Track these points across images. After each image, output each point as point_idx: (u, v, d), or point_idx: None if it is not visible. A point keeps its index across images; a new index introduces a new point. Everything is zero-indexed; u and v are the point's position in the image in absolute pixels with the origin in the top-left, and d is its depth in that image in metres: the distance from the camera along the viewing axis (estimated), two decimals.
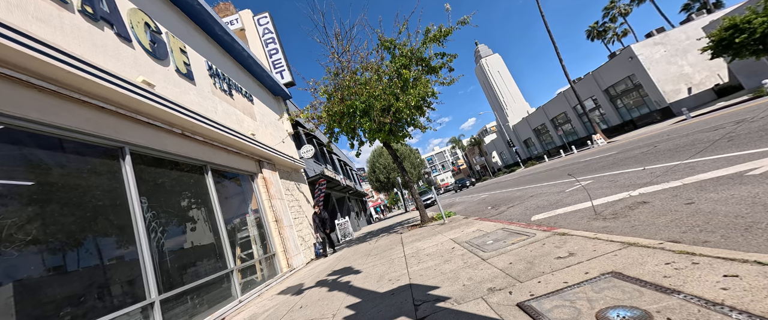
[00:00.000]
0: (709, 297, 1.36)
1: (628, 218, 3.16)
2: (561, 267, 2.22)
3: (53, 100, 3.31)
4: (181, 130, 5.18)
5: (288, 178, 10.08)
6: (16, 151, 3.13)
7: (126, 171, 3.98)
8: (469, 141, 65.51)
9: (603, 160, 9.04)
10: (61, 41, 3.49)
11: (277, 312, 3.86)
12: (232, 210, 6.77)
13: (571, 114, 33.19)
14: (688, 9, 35.41)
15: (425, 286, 2.80)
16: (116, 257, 3.75)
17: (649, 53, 23.09)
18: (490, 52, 61.36)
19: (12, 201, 2.99)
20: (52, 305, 2.93)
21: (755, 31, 13.18)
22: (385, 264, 4.48)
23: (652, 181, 4.23)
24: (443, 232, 5.63)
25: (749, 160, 3.66)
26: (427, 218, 8.30)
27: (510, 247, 3.17)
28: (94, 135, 3.69)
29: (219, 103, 6.93)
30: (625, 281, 1.73)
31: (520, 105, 55.73)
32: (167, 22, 5.98)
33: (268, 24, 13.98)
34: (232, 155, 6.93)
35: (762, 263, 1.49)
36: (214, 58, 7.62)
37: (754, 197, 2.57)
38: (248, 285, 5.97)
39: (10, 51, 2.76)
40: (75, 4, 3.84)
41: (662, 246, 2.03)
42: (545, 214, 4.64)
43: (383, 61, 7.74)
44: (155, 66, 5.09)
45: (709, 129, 7.36)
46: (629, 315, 1.40)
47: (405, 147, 26.76)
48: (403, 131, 8.02)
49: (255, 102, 9.37)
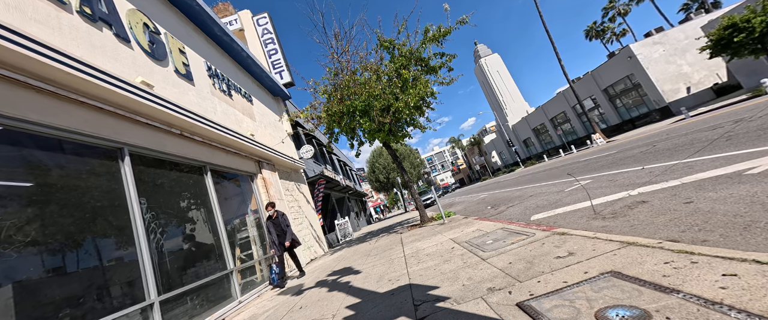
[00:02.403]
0: (708, 297, 1.37)
1: (628, 217, 3.17)
2: (560, 266, 2.22)
3: (52, 101, 3.30)
4: (181, 130, 5.17)
5: (288, 179, 10.08)
6: (15, 152, 3.12)
7: (125, 172, 3.98)
8: (468, 141, 65.54)
9: (602, 159, 9.06)
10: (60, 42, 3.48)
11: (276, 313, 3.85)
12: (232, 211, 6.77)
13: (571, 113, 33.23)
14: (686, 9, 35.49)
15: (425, 286, 2.80)
16: (115, 258, 3.75)
17: (648, 53, 23.13)
18: (490, 52, 61.41)
19: (11, 202, 2.98)
20: (51, 306, 2.92)
21: (754, 30, 13.21)
22: (384, 265, 4.48)
23: (651, 181, 4.23)
24: (443, 232, 5.63)
25: (748, 159, 3.67)
26: (426, 218, 8.30)
27: (509, 247, 3.17)
28: (93, 136, 3.69)
29: (218, 104, 6.93)
30: (625, 280, 1.73)
31: (519, 105, 55.78)
32: (166, 22, 5.98)
33: (267, 24, 13.97)
34: (232, 156, 6.92)
35: (760, 262, 1.49)
36: (213, 58, 7.62)
37: (753, 196, 2.58)
38: (248, 285, 5.97)
39: (9, 52, 2.76)
40: (73, 4, 3.83)
41: (661, 245, 2.03)
42: (545, 214, 4.65)
43: (382, 61, 7.74)
44: (154, 67, 5.09)
45: (708, 128, 7.37)
46: (628, 314, 1.40)
47: (405, 147, 26.79)
48: (402, 131, 8.02)
49: (254, 102, 9.36)
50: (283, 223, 6.11)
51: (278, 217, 6.15)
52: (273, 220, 6.13)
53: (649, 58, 23.02)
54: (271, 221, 6.13)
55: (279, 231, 6.05)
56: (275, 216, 6.15)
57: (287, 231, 6.03)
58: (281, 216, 6.17)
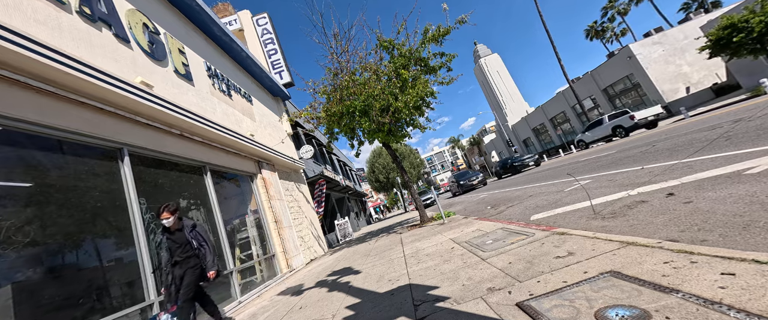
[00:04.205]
0: (708, 296, 1.37)
1: (627, 217, 3.17)
2: (560, 266, 2.23)
3: (51, 102, 3.30)
4: (180, 130, 5.17)
5: (287, 179, 10.07)
6: (14, 152, 3.12)
7: (125, 173, 3.98)
8: (468, 141, 65.54)
9: (602, 159, 9.06)
10: (59, 42, 3.48)
11: (276, 313, 3.85)
12: (232, 211, 6.77)
13: (570, 113, 33.23)
14: (686, 9, 35.53)
15: (425, 286, 2.80)
16: (115, 258, 3.75)
17: (647, 52, 23.14)
18: (489, 52, 61.40)
19: (11, 202, 2.98)
20: (51, 306, 2.92)
21: (753, 30, 13.22)
22: (384, 265, 4.48)
23: (650, 180, 4.24)
24: (443, 232, 5.63)
25: (747, 158, 3.67)
26: (426, 218, 8.30)
27: (509, 247, 3.17)
28: (92, 136, 3.69)
29: (218, 104, 6.93)
30: (624, 280, 1.73)
31: (519, 104, 55.78)
32: (166, 22, 5.98)
33: (267, 24, 13.97)
34: (231, 156, 6.92)
35: (760, 262, 1.50)
36: (212, 58, 7.62)
37: (752, 196, 2.58)
38: (248, 285, 5.97)
39: (8, 52, 2.76)
40: (73, 4, 3.83)
41: (661, 245, 2.03)
42: (544, 214, 4.65)
43: (382, 61, 7.74)
44: (154, 67, 5.09)
45: (707, 128, 7.38)
46: (628, 314, 1.41)
47: (404, 147, 26.77)
48: (402, 131, 8.02)
49: (254, 102, 9.36)
50: (195, 239, 3.38)
51: (185, 229, 3.38)
52: (172, 234, 3.33)
53: (648, 58, 23.03)
54: (169, 235, 3.32)
55: (184, 254, 3.29)
56: (176, 227, 3.36)
57: (203, 252, 3.38)
58: (192, 230, 3.41)
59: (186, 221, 3.50)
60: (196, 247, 3.38)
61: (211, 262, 3.41)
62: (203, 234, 3.49)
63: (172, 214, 3.33)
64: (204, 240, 3.45)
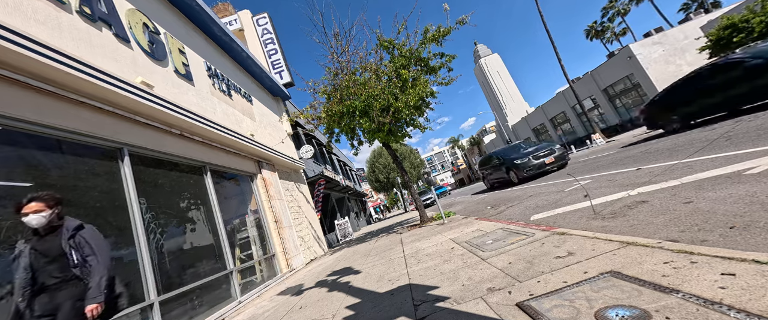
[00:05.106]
0: (708, 296, 1.37)
1: (627, 217, 3.17)
2: (560, 266, 2.22)
3: (51, 102, 3.30)
4: (180, 130, 5.17)
5: (287, 179, 10.08)
6: (14, 152, 3.12)
7: (125, 173, 3.98)
8: (468, 141, 65.55)
9: (602, 159, 9.06)
10: (59, 42, 3.48)
11: (276, 313, 3.85)
12: (232, 211, 6.77)
13: (570, 113, 33.24)
14: (686, 9, 35.52)
15: (425, 286, 2.80)
16: (115, 258, 3.74)
17: (647, 53, 23.14)
18: (489, 52, 61.43)
19: (10, 202, 2.97)
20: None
21: (753, 30, 13.23)
22: (384, 265, 4.48)
23: (650, 181, 4.23)
24: (443, 232, 5.63)
25: (747, 158, 3.67)
26: (426, 218, 8.30)
27: (509, 247, 3.17)
28: (92, 136, 3.69)
29: (218, 104, 6.93)
30: (624, 280, 1.73)
31: (519, 105, 55.79)
32: (166, 22, 5.98)
33: (267, 24, 13.97)
34: (232, 156, 6.92)
35: (760, 262, 1.50)
36: (213, 58, 7.62)
37: (752, 196, 2.58)
38: (248, 285, 5.97)
39: (8, 52, 2.76)
40: (73, 4, 3.83)
41: (661, 245, 2.03)
42: (544, 214, 4.65)
43: (382, 61, 7.74)
44: (154, 67, 5.09)
45: (707, 128, 7.37)
46: (628, 314, 1.41)
47: (404, 147, 26.76)
48: (402, 131, 8.02)
49: (254, 102, 9.37)
50: (76, 249, 2.25)
51: (61, 235, 2.25)
52: (40, 241, 2.25)
53: (648, 58, 23.03)
54: (35, 242, 2.24)
55: (59, 274, 2.20)
56: (48, 230, 2.26)
57: (89, 269, 2.21)
58: (74, 235, 2.29)
59: (69, 221, 2.29)
60: (77, 263, 2.15)
61: (96, 287, 2.11)
62: (92, 242, 2.26)
63: (49, 208, 2.16)
64: (93, 251, 2.22)
